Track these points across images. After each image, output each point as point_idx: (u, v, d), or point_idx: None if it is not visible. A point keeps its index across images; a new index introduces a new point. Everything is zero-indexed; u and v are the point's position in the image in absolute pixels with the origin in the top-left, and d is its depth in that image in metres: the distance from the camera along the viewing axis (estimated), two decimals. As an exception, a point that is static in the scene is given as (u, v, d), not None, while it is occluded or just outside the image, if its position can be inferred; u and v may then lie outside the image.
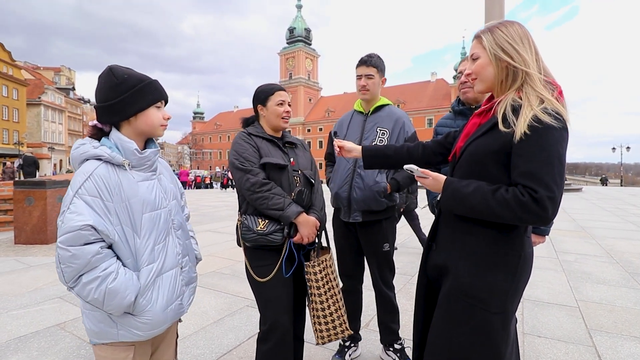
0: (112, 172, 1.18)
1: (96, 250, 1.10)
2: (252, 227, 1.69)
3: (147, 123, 1.26)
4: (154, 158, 1.31)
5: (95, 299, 1.11)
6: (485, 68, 1.23)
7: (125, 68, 1.25)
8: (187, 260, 1.42)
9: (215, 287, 3.72)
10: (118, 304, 1.13)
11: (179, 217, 1.41)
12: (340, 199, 2.18)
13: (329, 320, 1.76)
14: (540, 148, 1.06)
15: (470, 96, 2.11)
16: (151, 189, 1.27)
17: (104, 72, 1.23)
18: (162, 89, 1.30)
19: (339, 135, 2.23)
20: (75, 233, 1.07)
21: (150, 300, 1.22)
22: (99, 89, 1.23)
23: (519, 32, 1.19)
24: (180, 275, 1.35)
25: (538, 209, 1.03)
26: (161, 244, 1.28)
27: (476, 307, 1.17)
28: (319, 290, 1.75)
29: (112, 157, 1.18)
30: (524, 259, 1.19)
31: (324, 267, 1.75)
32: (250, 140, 1.78)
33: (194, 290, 1.47)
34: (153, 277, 1.23)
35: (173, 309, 1.30)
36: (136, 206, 1.20)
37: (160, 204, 1.30)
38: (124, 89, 1.20)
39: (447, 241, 1.30)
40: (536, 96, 1.11)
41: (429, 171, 1.27)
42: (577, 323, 2.87)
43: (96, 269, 1.11)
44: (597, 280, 3.95)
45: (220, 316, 2.98)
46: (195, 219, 8.85)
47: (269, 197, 1.67)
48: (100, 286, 1.10)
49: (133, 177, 1.22)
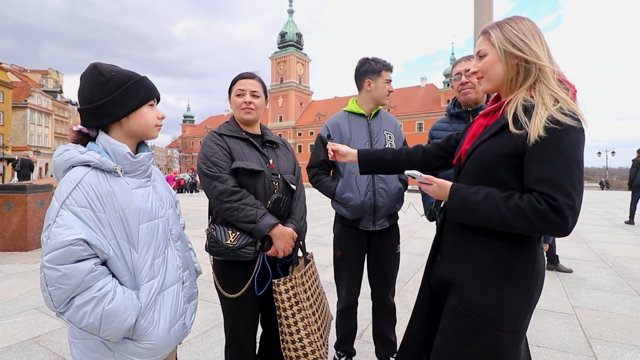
0: (102, 179, 1.05)
1: (90, 268, 0.97)
2: (220, 239, 1.51)
3: (141, 124, 1.14)
4: (149, 162, 1.18)
5: (91, 324, 0.97)
6: (493, 65, 1.14)
7: (111, 65, 1.12)
8: (188, 274, 1.29)
9: (201, 296, 3.55)
10: (117, 327, 1.00)
11: (177, 226, 1.28)
12: (364, 207, 2.00)
13: (298, 347, 1.52)
14: (557, 151, 0.96)
15: (472, 97, 2.01)
16: (147, 196, 1.15)
17: (87, 70, 1.09)
18: (154, 86, 1.18)
19: (335, 139, 2.06)
20: (66, 249, 0.94)
21: (152, 322, 1.09)
22: (83, 89, 1.09)
23: (530, 27, 1.10)
24: (182, 291, 1.22)
25: (557, 219, 0.94)
26: (161, 258, 1.15)
27: (486, 325, 1.06)
28: (285, 312, 1.52)
29: (103, 162, 1.05)
30: (537, 272, 1.09)
31: (292, 285, 1.52)
32: (220, 142, 1.58)
33: (196, 307, 1.34)
34: (154, 295, 1.10)
35: (177, 329, 1.17)
36: (132, 216, 1.07)
37: (157, 213, 1.17)
38: (112, 88, 1.08)
39: (452, 252, 1.19)
40: (550, 95, 1.02)
41: (432, 177, 1.17)
42: (576, 331, 2.80)
43: (91, 289, 0.97)
44: (592, 286, 3.90)
45: (206, 328, 2.84)
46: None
47: (238, 209, 1.48)
48: (96, 308, 0.97)
49: (127, 184, 1.09)
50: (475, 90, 1.99)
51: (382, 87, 2.06)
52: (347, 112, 2.15)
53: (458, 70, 2.03)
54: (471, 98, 2.02)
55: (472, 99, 2.02)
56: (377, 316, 2.20)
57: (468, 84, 1.99)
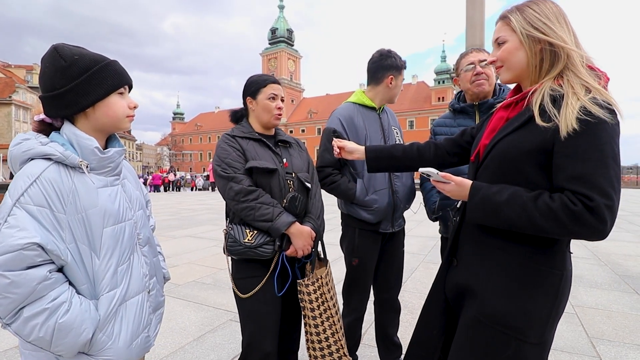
0: (65, 175, 0.94)
1: (43, 275, 0.87)
2: (238, 238, 1.49)
3: (109, 115, 1.02)
4: (119, 159, 1.07)
5: (41, 337, 0.87)
6: (514, 53, 1.04)
7: (75, 47, 1.00)
8: (155, 281, 1.19)
9: (195, 299, 3.45)
10: (71, 342, 0.90)
11: (145, 230, 1.17)
12: (383, 209, 1.88)
13: (324, 346, 1.55)
14: (592, 146, 0.87)
15: (485, 89, 1.90)
16: (114, 197, 1.04)
17: (48, 53, 0.97)
18: (124, 71, 1.06)
19: (350, 134, 1.88)
20: (16, 254, 0.84)
21: (111, 335, 0.99)
22: (43, 75, 0.97)
23: (554, 10, 1.00)
24: (147, 301, 1.12)
25: (594, 221, 0.85)
26: (125, 265, 1.05)
27: (510, 337, 0.98)
28: (313, 312, 1.53)
29: (66, 156, 0.94)
30: (566, 279, 1.01)
31: (319, 285, 1.54)
32: (234, 143, 1.57)
33: (161, 318, 1.24)
34: (115, 306, 1.00)
35: (139, 343, 1.07)
36: (95, 218, 0.97)
37: (125, 215, 1.06)
38: (75, 73, 0.96)
39: (472, 257, 1.10)
40: (581, 84, 0.93)
41: (450, 175, 1.07)
42: (578, 331, 2.76)
43: (43, 299, 0.87)
44: (589, 284, 3.89)
45: (201, 333, 2.72)
46: (174, 224, 8.49)
47: (255, 207, 1.47)
48: (48, 321, 0.87)
49: (92, 183, 0.98)
50: (489, 82, 1.90)
51: (400, 86, 1.99)
52: (357, 105, 1.98)
53: (471, 60, 1.91)
54: (485, 90, 1.91)
55: (486, 90, 1.92)
56: (383, 319, 2.11)
57: (483, 74, 1.88)
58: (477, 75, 1.89)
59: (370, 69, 1.98)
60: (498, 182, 1.03)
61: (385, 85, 1.94)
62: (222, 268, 4.44)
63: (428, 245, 5.82)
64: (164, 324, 2.84)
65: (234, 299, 1.61)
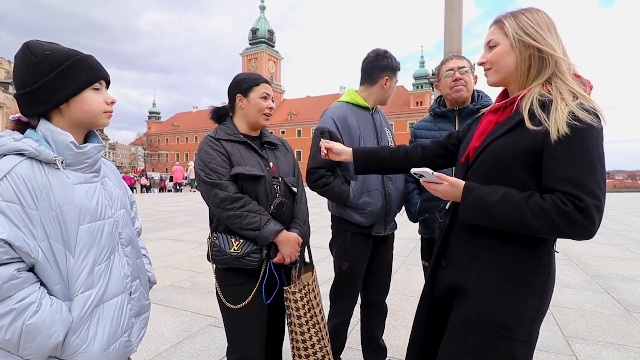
0: (38, 171, 0.90)
1: (11, 274, 0.82)
2: (224, 248, 1.44)
3: (84, 110, 0.98)
4: (97, 155, 1.02)
5: (7, 340, 0.82)
6: (504, 56, 1.07)
7: (48, 43, 0.96)
8: (138, 284, 1.13)
9: (172, 303, 3.33)
10: (40, 345, 0.85)
11: (128, 230, 1.12)
12: (376, 212, 1.85)
13: (310, 353, 1.53)
14: (580, 150, 0.91)
15: (463, 95, 1.96)
16: (92, 194, 0.99)
17: (20, 50, 0.94)
18: (100, 65, 1.02)
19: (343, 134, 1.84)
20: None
21: (85, 339, 0.94)
22: (15, 72, 0.94)
23: (545, 19, 1.05)
24: (128, 304, 1.06)
25: (584, 221, 0.89)
26: (103, 264, 0.99)
27: (501, 335, 1.00)
28: (300, 319, 1.50)
29: (40, 151, 0.90)
30: (551, 278, 1.05)
31: (306, 291, 1.51)
32: (218, 147, 1.50)
33: (146, 322, 1.18)
34: (90, 308, 0.95)
35: (117, 348, 1.01)
36: (70, 215, 0.92)
37: (104, 213, 1.01)
38: (46, 69, 0.92)
39: (461, 257, 1.12)
40: (568, 91, 0.97)
41: (444, 175, 1.08)
42: (553, 330, 2.84)
43: (9, 299, 0.83)
44: (562, 284, 4.02)
45: (179, 339, 2.62)
46: (150, 226, 8.23)
47: (241, 216, 1.42)
48: (15, 322, 0.82)
49: (67, 178, 0.93)
50: (467, 88, 1.96)
51: (394, 88, 1.98)
52: (350, 104, 1.94)
53: (451, 67, 1.97)
54: (462, 96, 1.96)
55: (464, 96, 1.97)
56: (370, 321, 2.09)
57: (461, 81, 1.94)
58: (455, 81, 1.95)
59: (365, 69, 1.93)
60: (488, 183, 1.05)
61: (380, 86, 1.92)
62: (200, 271, 4.32)
63: (408, 247, 5.88)
64: (139, 331, 2.73)
65: (213, 303, 1.58)
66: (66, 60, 0.95)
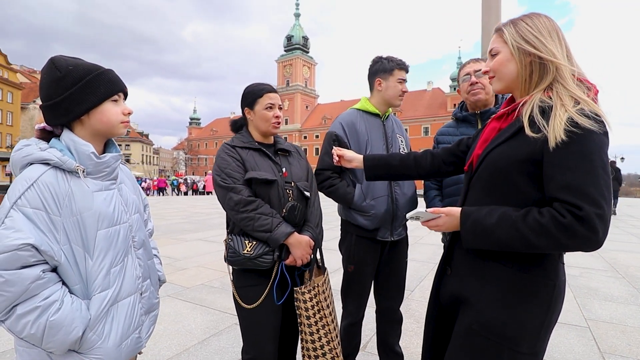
0: (62, 179, 0.99)
1: (36, 275, 0.91)
2: (238, 249, 1.51)
3: (103, 121, 1.07)
4: (115, 164, 1.11)
5: (32, 334, 0.92)
6: (506, 64, 1.06)
7: (72, 58, 1.06)
8: (149, 284, 1.22)
9: (202, 302, 3.49)
10: (61, 340, 0.94)
11: (141, 233, 1.21)
12: (381, 216, 1.86)
13: (319, 354, 1.56)
14: (580, 156, 0.88)
15: (482, 98, 1.92)
16: (109, 200, 1.08)
17: (46, 65, 1.03)
18: (118, 79, 1.11)
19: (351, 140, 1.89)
20: (11, 254, 0.88)
21: (101, 335, 1.02)
22: (41, 86, 1.04)
23: (547, 24, 1.02)
24: (139, 303, 1.15)
25: (585, 231, 0.84)
26: (118, 266, 1.08)
27: (503, 346, 0.98)
28: (309, 319, 1.54)
29: (63, 161, 0.99)
30: (559, 289, 1.00)
31: (315, 293, 1.55)
32: (233, 153, 1.59)
33: (155, 320, 1.27)
34: (107, 306, 1.04)
35: (129, 343, 1.10)
36: (90, 221, 1.01)
37: (120, 218, 1.10)
38: (69, 83, 1.01)
39: (466, 267, 1.11)
40: (569, 96, 0.94)
41: (438, 208, 1.08)
42: (589, 345, 2.68)
43: (35, 297, 0.92)
44: (604, 297, 3.77)
45: (206, 336, 2.75)
46: (187, 227, 8.62)
47: (254, 218, 1.48)
48: (40, 319, 0.91)
49: (87, 187, 1.03)
50: (486, 91, 1.91)
51: (394, 87, 1.94)
52: (360, 111, 2.00)
53: (467, 71, 1.95)
54: (481, 99, 1.93)
55: (482, 99, 1.93)
56: (384, 328, 2.09)
57: (478, 84, 1.90)
58: (472, 85, 1.92)
59: (367, 79, 2.04)
60: (490, 192, 1.04)
61: (376, 89, 1.97)
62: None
63: (438, 254, 5.73)
64: (170, 326, 2.89)
65: None
66: (87, 74, 1.03)
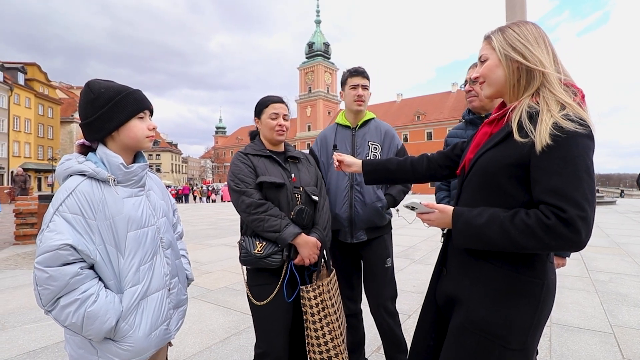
0: (96, 188, 1.14)
1: (75, 271, 1.05)
2: (249, 249, 1.63)
3: (130, 137, 1.21)
4: (142, 173, 1.26)
5: (73, 323, 1.05)
6: (494, 70, 1.11)
7: (105, 81, 1.21)
8: (177, 281, 1.35)
9: (225, 303, 3.65)
10: (98, 328, 1.07)
11: (168, 235, 1.34)
12: (340, 219, 2.03)
13: (323, 350, 1.63)
14: (564, 160, 0.92)
15: (476, 105, 2.00)
16: (137, 205, 1.22)
17: (83, 89, 1.20)
18: (144, 98, 1.26)
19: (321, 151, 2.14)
20: (53, 253, 1.03)
21: (132, 325, 1.15)
22: (79, 106, 1.21)
23: (533, 31, 1.07)
24: (167, 298, 1.28)
25: (568, 233, 0.89)
26: (147, 264, 1.21)
27: (494, 343, 1.02)
28: (313, 317, 1.62)
29: (97, 172, 1.14)
30: (547, 288, 1.04)
31: (320, 291, 1.63)
32: (246, 160, 1.73)
33: (184, 314, 1.40)
34: (137, 300, 1.17)
35: (158, 334, 1.22)
36: (120, 224, 1.15)
37: (148, 221, 1.24)
38: (101, 104, 1.17)
39: (458, 267, 1.16)
40: (556, 101, 0.99)
41: (432, 203, 1.14)
42: (612, 352, 2.61)
43: (75, 291, 1.05)
44: (634, 304, 3.62)
45: (227, 335, 2.89)
46: (212, 233, 8.91)
47: (264, 219, 1.60)
48: (79, 310, 1.05)
49: (118, 194, 1.17)
50: (480, 98, 1.98)
51: (349, 94, 2.09)
52: (337, 125, 2.21)
53: (466, 78, 2.02)
54: (476, 105, 2.01)
55: (477, 106, 2.01)
56: (381, 337, 2.13)
57: (472, 91, 1.98)
58: (468, 92, 2.00)
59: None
60: (480, 195, 1.09)
61: (343, 100, 2.16)
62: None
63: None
64: (194, 325, 3.05)
65: None
66: (117, 95, 1.17)
